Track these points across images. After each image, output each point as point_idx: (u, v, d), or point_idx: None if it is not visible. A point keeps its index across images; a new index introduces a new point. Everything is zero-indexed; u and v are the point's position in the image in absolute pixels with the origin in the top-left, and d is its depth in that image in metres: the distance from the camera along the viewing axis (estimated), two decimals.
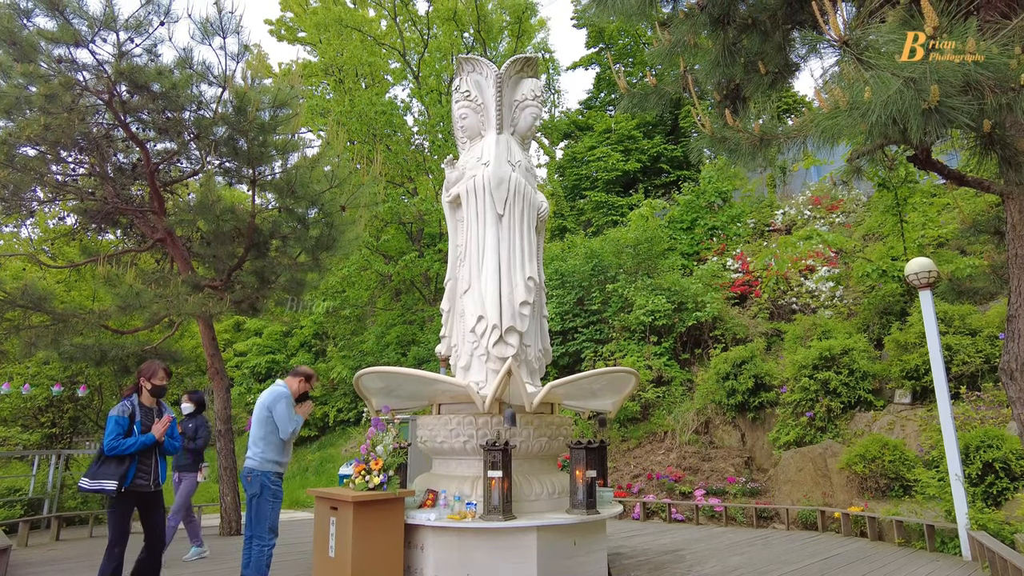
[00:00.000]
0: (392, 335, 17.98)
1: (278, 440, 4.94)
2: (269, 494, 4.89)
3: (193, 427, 7.02)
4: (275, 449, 4.93)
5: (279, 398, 4.94)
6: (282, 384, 5.17)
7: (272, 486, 4.90)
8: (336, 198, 9.25)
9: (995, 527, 6.22)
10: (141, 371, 4.84)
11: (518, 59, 6.69)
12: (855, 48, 3.22)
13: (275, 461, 4.93)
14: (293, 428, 4.96)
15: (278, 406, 4.90)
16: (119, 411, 4.60)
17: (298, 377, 5.28)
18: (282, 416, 4.91)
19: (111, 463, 4.51)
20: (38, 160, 8.73)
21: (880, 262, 10.63)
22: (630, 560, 6.76)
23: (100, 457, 4.55)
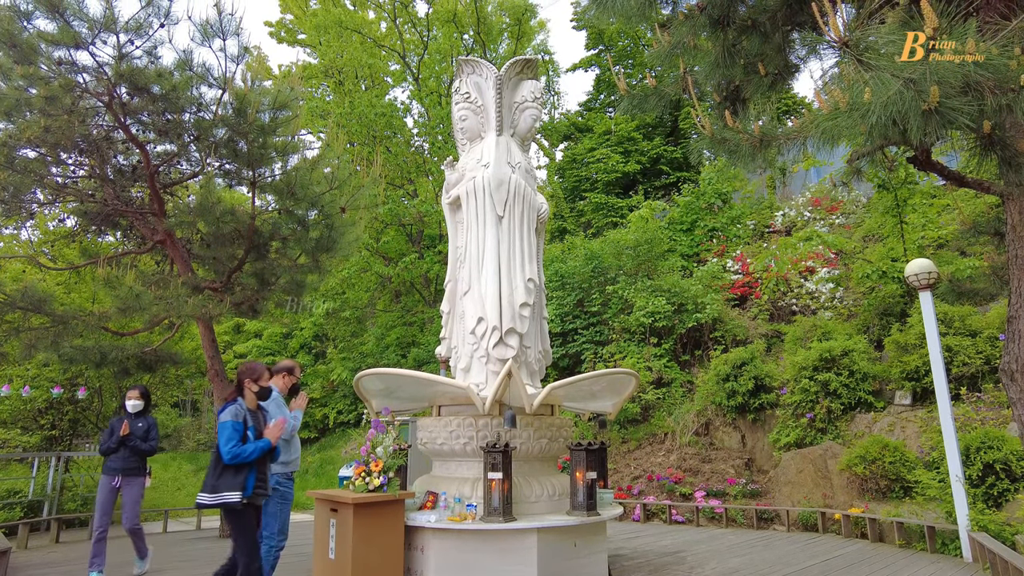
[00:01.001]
0: (392, 337, 17.98)
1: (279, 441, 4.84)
2: (277, 496, 4.82)
3: (144, 426, 6.22)
4: (282, 450, 4.85)
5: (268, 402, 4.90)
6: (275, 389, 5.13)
7: (280, 488, 4.84)
8: (336, 200, 9.25)
9: (996, 528, 6.21)
10: (245, 372, 4.46)
11: (518, 61, 6.70)
12: (855, 49, 3.23)
13: (283, 462, 4.87)
14: (292, 426, 4.92)
15: (270, 410, 4.86)
16: (233, 415, 4.18)
17: (280, 374, 5.25)
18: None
19: (229, 473, 4.11)
20: (38, 162, 8.73)
21: (880, 263, 10.63)
22: (631, 562, 6.75)
23: (217, 467, 4.13)
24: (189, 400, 26.36)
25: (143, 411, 6.27)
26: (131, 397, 6.25)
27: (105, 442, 6.04)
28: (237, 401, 4.32)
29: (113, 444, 5.99)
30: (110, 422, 6.18)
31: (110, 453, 6.03)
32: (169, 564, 7.04)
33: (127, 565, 6.95)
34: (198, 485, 17.00)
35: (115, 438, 5.99)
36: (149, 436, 6.19)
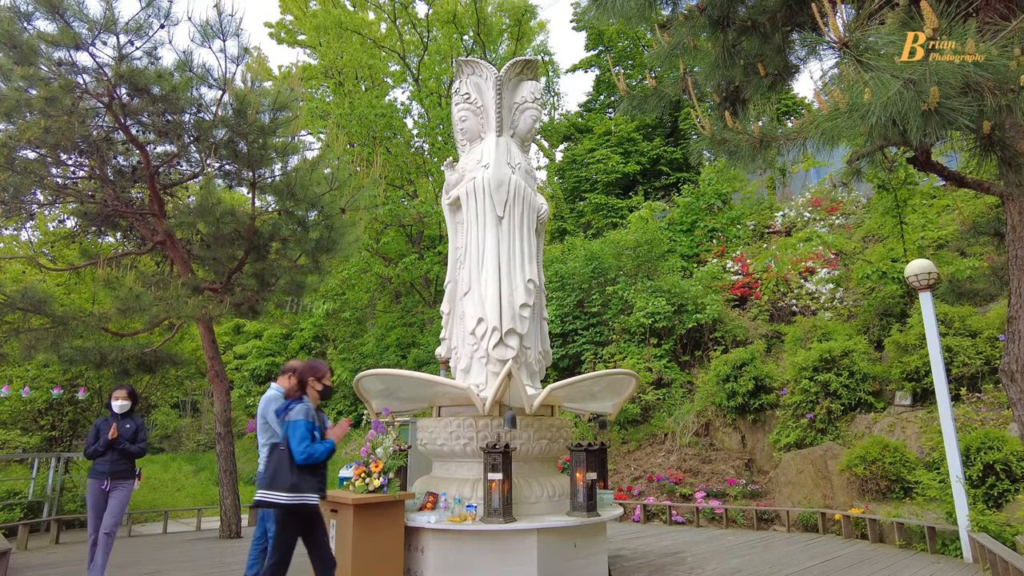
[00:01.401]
0: (392, 337, 17.98)
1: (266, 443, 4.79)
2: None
3: (132, 427, 5.85)
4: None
5: (269, 403, 4.82)
6: (274, 387, 5.04)
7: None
8: (336, 200, 9.25)
9: (996, 529, 6.21)
10: (309, 370, 4.30)
11: (518, 62, 6.70)
12: (855, 50, 3.23)
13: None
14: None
15: (269, 412, 4.78)
16: (304, 414, 4.07)
17: (285, 375, 5.04)
18: (274, 421, 4.78)
19: (307, 472, 4.00)
20: (38, 163, 8.73)
21: (880, 264, 10.64)
22: (631, 562, 6.75)
23: (292, 467, 3.97)
24: (189, 401, 26.35)
25: (130, 411, 5.94)
26: (117, 397, 5.85)
27: (90, 445, 5.69)
28: (304, 400, 4.20)
29: (100, 447, 5.64)
30: (95, 423, 5.83)
31: (96, 456, 5.68)
32: (170, 565, 7.03)
33: (128, 565, 6.95)
34: (198, 486, 17.03)
35: (102, 441, 5.65)
36: (138, 438, 5.84)
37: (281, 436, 4.35)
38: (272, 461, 4.03)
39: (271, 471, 4.00)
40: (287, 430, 4.03)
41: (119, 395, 5.86)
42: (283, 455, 4.00)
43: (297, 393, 4.23)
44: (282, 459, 3.99)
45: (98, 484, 5.64)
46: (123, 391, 5.90)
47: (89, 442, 5.71)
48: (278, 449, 4.05)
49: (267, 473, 4.03)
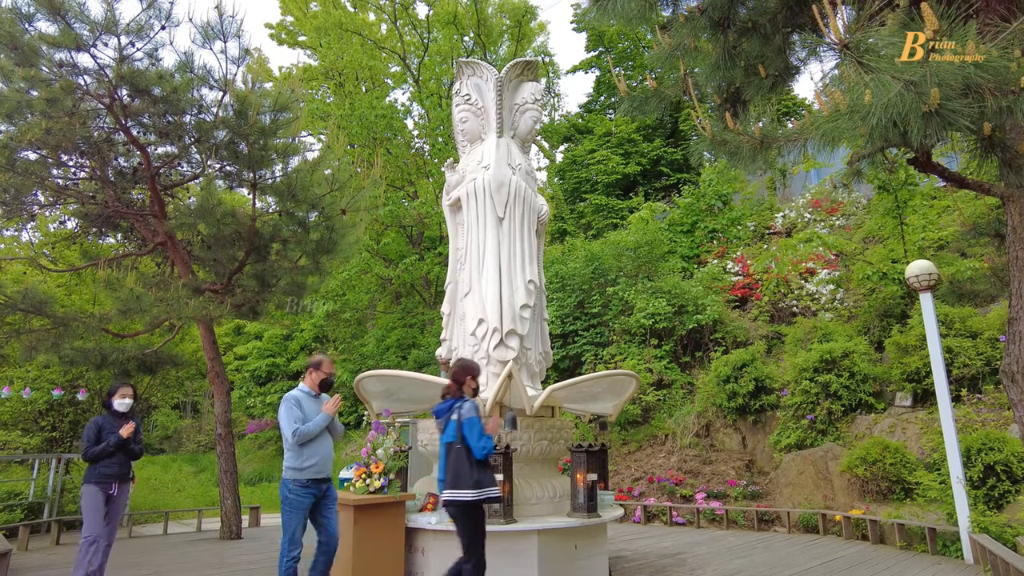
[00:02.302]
0: (392, 338, 17.98)
1: (292, 444, 4.59)
2: (286, 503, 4.54)
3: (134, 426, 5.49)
4: (291, 455, 4.60)
5: (283, 403, 4.71)
6: (300, 386, 4.86)
7: (290, 495, 4.53)
8: (336, 201, 9.26)
9: (997, 530, 6.20)
10: (465, 370, 4.45)
11: (518, 63, 6.71)
12: (855, 51, 3.23)
13: (291, 468, 4.58)
14: (294, 431, 4.52)
15: (280, 412, 4.71)
16: (476, 411, 4.19)
17: (308, 370, 4.89)
18: (281, 420, 4.66)
19: (483, 468, 4.11)
20: (39, 164, 8.74)
21: (880, 265, 10.64)
22: (631, 563, 6.74)
23: (473, 464, 4.07)
24: (190, 402, 26.36)
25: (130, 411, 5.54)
26: (124, 395, 5.43)
27: (92, 446, 5.18)
28: (465, 398, 4.27)
29: (111, 447, 5.20)
30: (94, 422, 5.28)
31: (102, 458, 5.20)
32: (170, 566, 7.03)
33: (129, 567, 6.94)
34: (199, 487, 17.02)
35: (112, 441, 5.22)
36: (137, 438, 5.49)
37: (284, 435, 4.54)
38: (451, 461, 4.11)
39: (452, 471, 4.05)
40: (464, 428, 4.07)
41: (125, 392, 5.45)
42: (461, 453, 4.06)
43: (457, 392, 4.30)
44: (460, 457, 4.06)
45: (104, 490, 5.21)
46: (129, 388, 5.52)
47: (90, 442, 5.18)
48: (454, 448, 4.10)
49: (448, 474, 4.10)
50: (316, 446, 4.63)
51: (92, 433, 5.23)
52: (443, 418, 4.28)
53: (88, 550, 5.22)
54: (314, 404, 4.78)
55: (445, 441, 4.23)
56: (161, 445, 24.35)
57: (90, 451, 5.17)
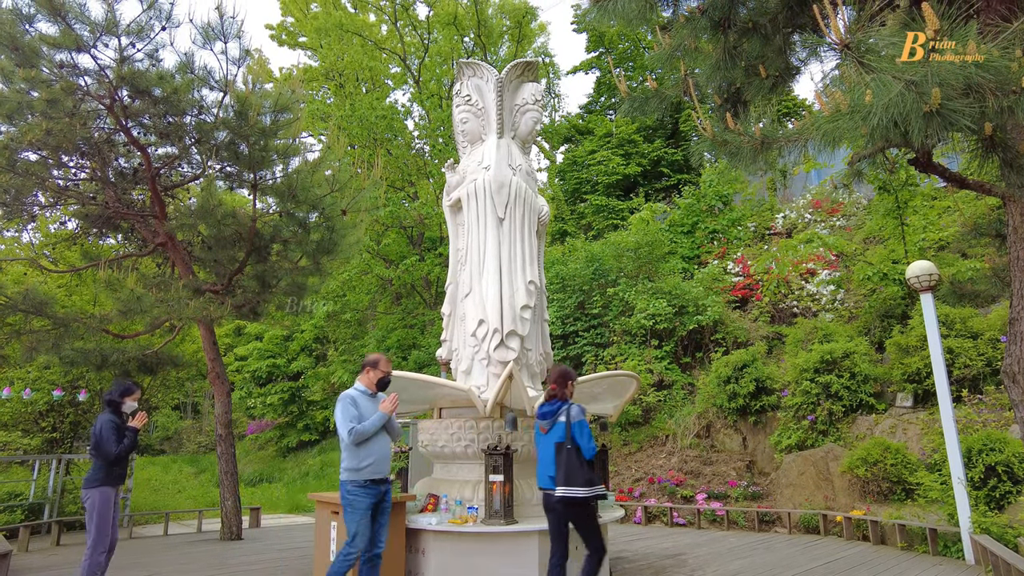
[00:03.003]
0: (393, 339, 17.97)
1: (348, 444, 4.52)
2: (346, 504, 4.50)
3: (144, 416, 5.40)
4: (348, 455, 4.54)
5: (339, 402, 4.62)
6: (356, 385, 4.78)
7: (349, 495, 4.47)
8: (337, 202, 9.26)
9: (998, 531, 6.20)
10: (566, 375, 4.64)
11: (519, 63, 6.71)
12: (856, 51, 3.23)
13: (348, 468, 4.52)
14: (351, 430, 4.44)
15: (336, 411, 4.60)
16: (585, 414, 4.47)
17: (364, 369, 4.82)
18: (337, 420, 4.57)
19: (592, 468, 4.35)
20: (40, 165, 8.74)
21: (881, 265, 10.63)
22: (632, 564, 6.74)
23: (583, 463, 4.32)
24: (190, 403, 26.38)
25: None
26: (135, 398, 5.30)
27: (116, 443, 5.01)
28: (568, 401, 4.50)
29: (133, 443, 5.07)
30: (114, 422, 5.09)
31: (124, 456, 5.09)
32: (171, 567, 7.03)
33: (129, 567, 6.94)
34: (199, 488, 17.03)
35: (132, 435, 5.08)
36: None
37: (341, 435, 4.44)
38: (562, 460, 4.32)
39: (564, 470, 4.28)
40: (575, 431, 4.34)
41: (136, 396, 5.33)
42: (571, 453, 4.30)
43: (561, 396, 4.53)
44: (571, 457, 4.29)
45: (115, 493, 5.14)
46: (138, 392, 5.40)
47: (113, 440, 5.00)
48: (565, 448, 4.33)
49: (559, 472, 4.32)
50: (373, 446, 4.57)
51: (115, 433, 5.05)
52: (549, 420, 4.50)
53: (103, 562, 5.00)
54: (371, 403, 4.71)
55: (555, 441, 4.43)
56: (162, 446, 24.36)
57: (118, 450, 5.00)
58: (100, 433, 5.03)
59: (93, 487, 5.00)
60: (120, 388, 5.29)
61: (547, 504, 4.51)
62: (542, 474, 4.56)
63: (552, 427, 4.50)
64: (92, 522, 4.95)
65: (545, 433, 4.56)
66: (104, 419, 5.10)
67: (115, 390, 5.28)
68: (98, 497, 5.00)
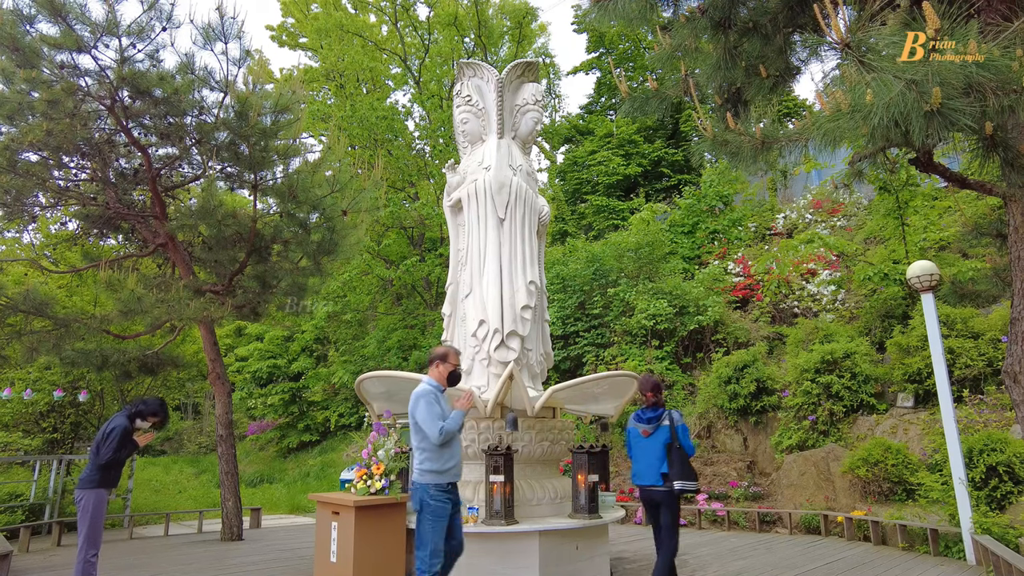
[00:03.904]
0: (393, 340, 17.97)
1: (432, 446, 4.22)
2: (429, 511, 4.19)
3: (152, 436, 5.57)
4: (430, 456, 4.24)
5: (417, 399, 4.32)
6: (427, 380, 4.49)
7: (433, 501, 4.19)
8: (337, 203, 9.26)
9: (999, 531, 6.19)
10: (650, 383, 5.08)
11: (519, 64, 6.71)
12: (856, 51, 3.23)
13: (432, 471, 4.23)
14: (440, 428, 4.16)
15: (418, 409, 4.28)
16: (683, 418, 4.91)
17: (433, 363, 4.52)
18: (421, 418, 4.23)
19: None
20: (40, 166, 8.75)
21: (882, 265, 10.63)
22: (633, 565, 6.73)
23: (684, 460, 4.76)
24: (191, 403, 26.38)
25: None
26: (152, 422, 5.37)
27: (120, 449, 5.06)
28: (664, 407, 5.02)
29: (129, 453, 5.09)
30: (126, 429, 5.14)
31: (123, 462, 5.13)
32: (171, 567, 7.03)
33: (130, 568, 6.94)
34: (200, 488, 17.03)
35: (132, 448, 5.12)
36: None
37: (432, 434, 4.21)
38: (675, 459, 4.78)
39: (679, 467, 4.77)
40: (680, 433, 4.87)
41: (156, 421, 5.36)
42: (680, 452, 4.80)
43: (660, 401, 5.03)
44: (682, 456, 4.80)
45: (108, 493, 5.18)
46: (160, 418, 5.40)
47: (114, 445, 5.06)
48: (675, 448, 4.81)
49: (675, 469, 4.76)
50: (455, 446, 4.36)
51: (123, 436, 5.07)
52: (653, 424, 4.95)
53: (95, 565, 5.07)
54: (446, 401, 4.46)
55: (663, 443, 4.86)
56: (162, 447, 24.37)
57: (115, 456, 5.01)
58: (108, 433, 5.06)
59: (88, 488, 5.02)
60: (152, 408, 5.32)
61: (651, 498, 4.90)
62: (645, 472, 4.88)
63: (656, 431, 4.89)
64: (84, 523, 4.98)
65: (647, 436, 4.92)
66: (119, 422, 5.12)
67: (149, 408, 5.28)
68: (92, 498, 5.07)
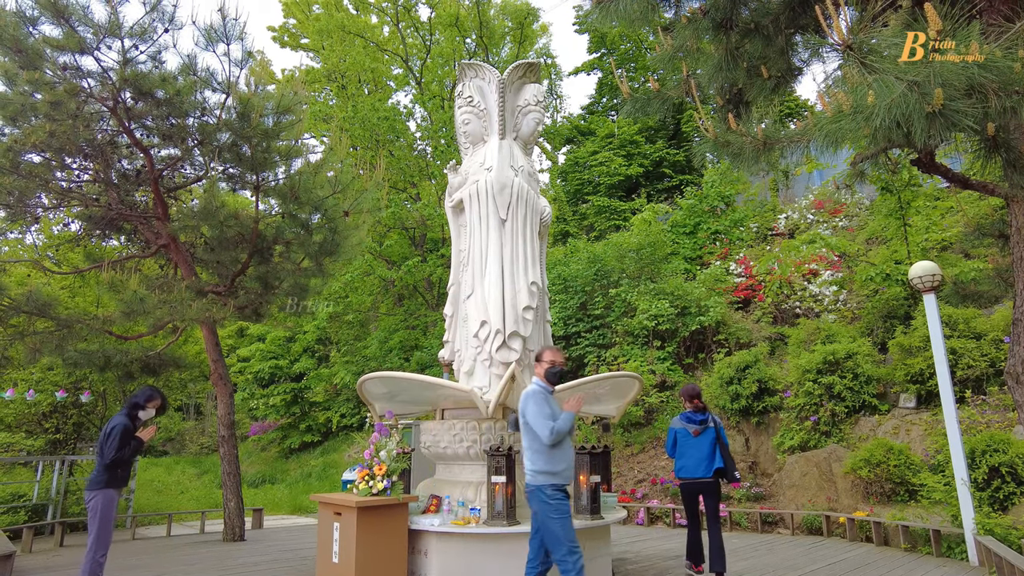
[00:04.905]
0: (395, 340, 17.99)
1: (543, 446, 4.19)
2: (552, 510, 4.14)
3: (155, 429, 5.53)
4: (543, 458, 4.20)
5: (526, 400, 4.29)
6: (535, 381, 4.47)
7: (552, 501, 4.15)
8: (339, 203, 9.27)
9: (1002, 532, 6.18)
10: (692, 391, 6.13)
11: (520, 64, 6.71)
12: (858, 52, 3.23)
13: (547, 472, 4.19)
14: (551, 429, 4.14)
15: (528, 410, 4.25)
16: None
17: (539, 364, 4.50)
18: (531, 419, 4.21)
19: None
20: (43, 167, 8.77)
21: (884, 266, 10.61)
22: (634, 566, 6.73)
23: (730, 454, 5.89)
24: (193, 404, 26.41)
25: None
26: (154, 406, 5.35)
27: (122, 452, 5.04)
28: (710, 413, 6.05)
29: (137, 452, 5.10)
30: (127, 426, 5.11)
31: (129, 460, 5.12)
32: (173, 568, 7.04)
33: (132, 568, 6.96)
34: (202, 489, 17.06)
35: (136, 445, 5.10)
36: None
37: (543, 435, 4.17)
38: (726, 455, 5.82)
39: (728, 462, 5.77)
40: (722, 432, 5.93)
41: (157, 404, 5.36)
42: (726, 449, 5.88)
43: (704, 406, 6.03)
44: (728, 452, 5.86)
45: (118, 493, 5.16)
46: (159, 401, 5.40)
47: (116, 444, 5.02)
48: (723, 445, 5.86)
49: (728, 463, 5.77)
50: (566, 447, 4.31)
51: (122, 438, 5.06)
52: (701, 426, 5.90)
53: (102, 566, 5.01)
54: (553, 401, 4.41)
55: (711, 441, 5.85)
56: (164, 447, 24.40)
57: (117, 455, 5.00)
58: (109, 433, 5.07)
59: (97, 489, 5.03)
60: (145, 394, 5.32)
61: (697, 489, 5.86)
62: (695, 466, 5.81)
63: (704, 431, 5.87)
64: (95, 524, 4.97)
65: (696, 436, 5.87)
66: (118, 421, 5.13)
67: (142, 395, 5.31)
68: (101, 499, 5.01)
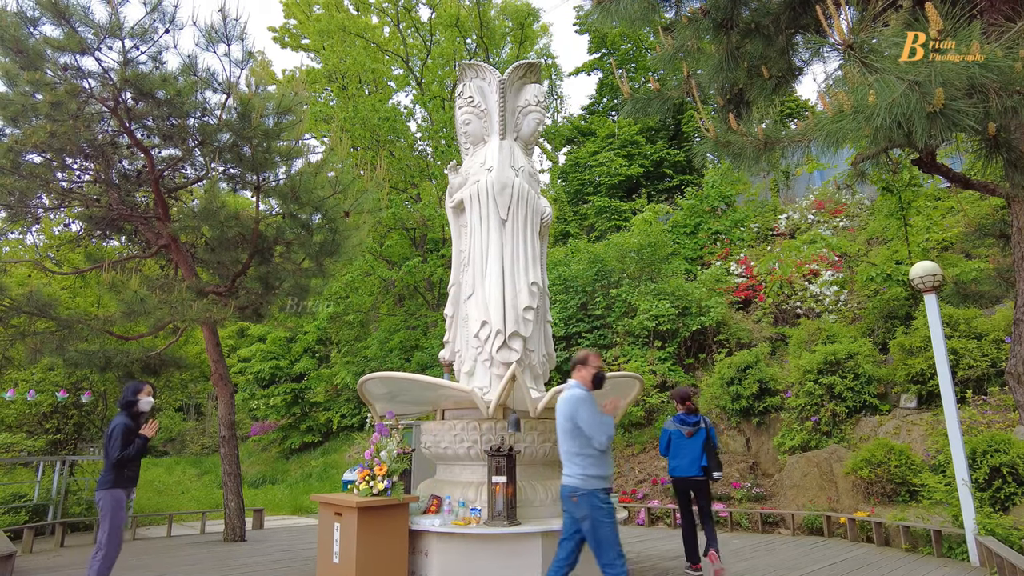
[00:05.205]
0: (395, 341, 17.99)
1: (595, 452, 4.16)
2: (602, 515, 4.11)
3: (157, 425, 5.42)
4: (593, 462, 4.16)
5: (575, 404, 4.20)
6: (575, 384, 4.38)
7: (603, 505, 4.13)
8: (340, 204, 9.27)
9: (1003, 532, 6.17)
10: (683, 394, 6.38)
11: (521, 65, 6.71)
12: (859, 51, 3.22)
13: (597, 476, 4.15)
14: (608, 435, 4.16)
15: (580, 415, 4.16)
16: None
17: (575, 368, 4.46)
18: (590, 424, 4.14)
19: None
20: (44, 167, 8.77)
21: (884, 266, 10.61)
22: (635, 566, 6.72)
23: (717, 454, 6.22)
24: (193, 404, 26.43)
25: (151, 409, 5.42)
26: (147, 393, 5.26)
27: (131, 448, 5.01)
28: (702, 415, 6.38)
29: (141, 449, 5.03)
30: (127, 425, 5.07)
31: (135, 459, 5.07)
32: (174, 568, 7.04)
33: (132, 568, 6.96)
34: (202, 489, 17.08)
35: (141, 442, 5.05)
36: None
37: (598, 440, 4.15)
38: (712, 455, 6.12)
39: (715, 460, 6.13)
40: (712, 433, 6.25)
41: (148, 391, 5.29)
42: (714, 450, 6.19)
43: (696, 408, 6.35)
44: (715, 452, 6.19)
45: (127, 495, 5.13)
46: (149, 387, 5.35)
47: (119, 444, 4.98)
48: (711, 446, 6.15)
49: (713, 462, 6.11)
50: (610, 453, 4.30)
51: (124, 437, 5.02)
52: (693, 427, 6.20)
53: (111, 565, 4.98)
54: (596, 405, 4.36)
55: (702, 442, 6.13)
56: (165, 447, 24.41)
57: (121, 454, 4.97)
58: (110, 434, 5.07)
59: (104, 489, 5.03)
60: (132, 388, 5.29)
61: (689, 486, 6.18)
62: (688, 465, 6.10)
63: (696, 432, 6.16)
64: (104, 523, 4.98)
65: (690, 437, 6.16)
66: (118, 421, 5.12)
67: (128, 391, 5.27)
68: (109, 499, 5.00)
